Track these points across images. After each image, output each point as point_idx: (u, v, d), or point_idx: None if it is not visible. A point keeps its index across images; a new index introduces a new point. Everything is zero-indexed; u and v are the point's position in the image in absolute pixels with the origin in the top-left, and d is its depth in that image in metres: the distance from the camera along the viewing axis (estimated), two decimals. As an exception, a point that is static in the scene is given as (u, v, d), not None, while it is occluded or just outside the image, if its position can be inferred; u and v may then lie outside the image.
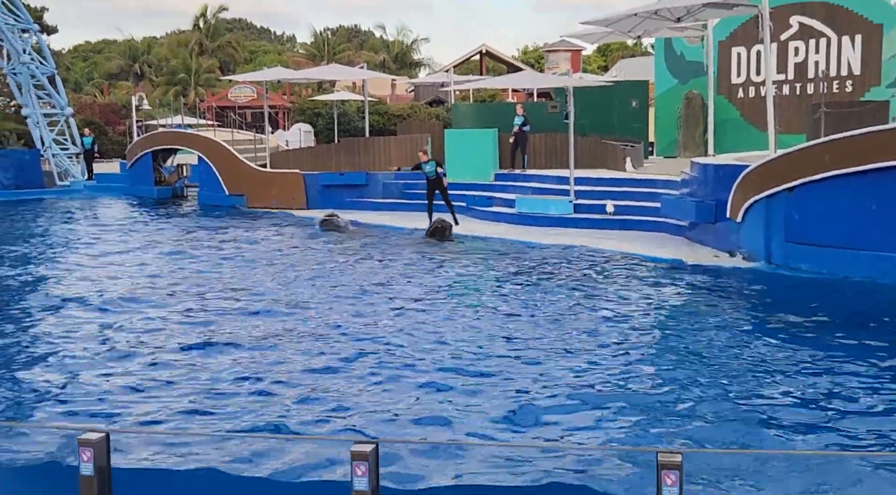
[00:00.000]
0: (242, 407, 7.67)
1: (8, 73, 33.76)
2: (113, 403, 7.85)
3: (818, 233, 12.98)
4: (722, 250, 14.91)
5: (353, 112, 35.63)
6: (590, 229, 18.22)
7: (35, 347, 9.92)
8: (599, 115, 24.67)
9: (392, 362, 8.93)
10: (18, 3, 33.25)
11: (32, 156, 33.25)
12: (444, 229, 17.99)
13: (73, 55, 78.80)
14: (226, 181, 26.51)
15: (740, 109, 24.33)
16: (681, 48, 26.02)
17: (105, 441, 5.12)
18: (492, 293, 12.52)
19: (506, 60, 56.12)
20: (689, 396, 7.74)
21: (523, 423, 7.18)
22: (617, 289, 12.48)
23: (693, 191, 16.39)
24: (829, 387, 7.89)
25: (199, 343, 9.88)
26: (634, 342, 9.60)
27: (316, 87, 52.46)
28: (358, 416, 7.37)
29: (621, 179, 20.30)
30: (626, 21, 17.53)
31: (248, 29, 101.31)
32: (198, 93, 64.29)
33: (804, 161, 13.12)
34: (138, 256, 16.72)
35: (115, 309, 11.78)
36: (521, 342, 9.62)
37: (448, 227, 18.07)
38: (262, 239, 18.89)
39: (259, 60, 76.32)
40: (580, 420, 7.24)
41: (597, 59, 71.02)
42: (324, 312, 11.29)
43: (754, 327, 10.12)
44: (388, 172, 24.37)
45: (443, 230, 17.97)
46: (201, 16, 73.11)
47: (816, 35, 22.67)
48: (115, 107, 50.49)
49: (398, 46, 71.56)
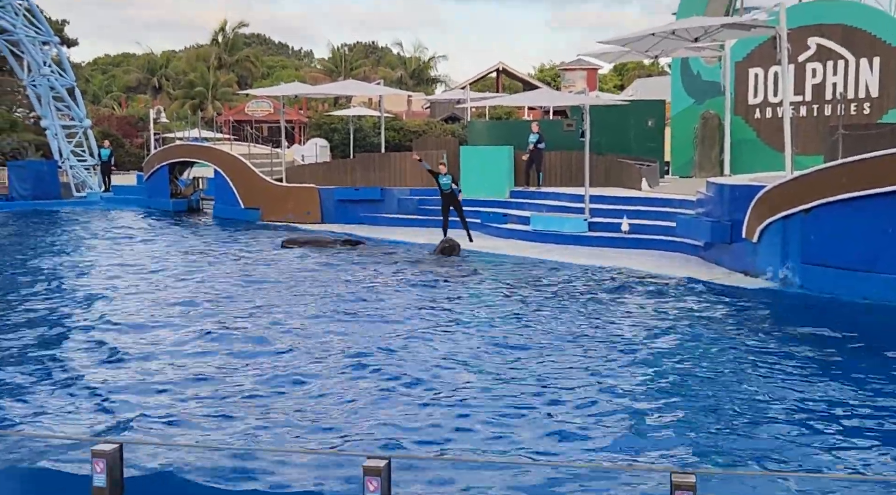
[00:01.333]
0: (257, 419, 7.66)
1: (28, 84, 34.05)
2: (128, 413, 7.86)
3: (835, 255, 12.90)
4: (737, 270, 14.85)
5: (369, 127, 35.75)
6: (604, 247, 18.18)
7: (46, 359, 9.95)
8: (615, 134, 24.67)
9: (396, 376, 8.91)
10: (40, 16, 33.57)
11: (50, 167, 33.47)
12: (451, 247, 18.10)
13: (93, 68, 79.43)
14: (241, 195, 26.60)
15: (757, 130, 24.28)
16: (698, 68, 26.02)
17: (118, 452, 5.12)
18: (501, 312, 12.47)
19: (522, 78, 56.24)
20: (702, 418, 7.68)
21: (534, 440, 7.15)
22: (629, 309, 12.43)
23: (709, 210, 16.34)
24: (844, 410, 7.82)
25: (215, 351, 9.90)
26: (646, 361, 9.54)
27: (332, 102, 52.63)
28: (368, 432, 7.35)
29: (637, 198, 20.26)
30: (643, 41, 17.55)
31: (266, 44, 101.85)
32: (215, 106, 64.66)
33: (821, 182, 13.06)
34: (155, 270, 16.78)
35: (128, 324, 11.82)
36: (530, 360, 9.57)
37: (456, 246, 18.10)
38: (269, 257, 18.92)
39: (276, 75, 76.72)
40: (594, 439, 7.20)
41: (613, 78, 71.10)
42: (327, 328, 11.29)
43: (770, 349, 10.02)
44: (403, 188, 24.42)
45: (451, 248, 18.08)
46: (220, 30, 73.70)
47: (834, 57, 22.64)
48: (132, 119, 50.86)
49: (415, 63, 71.85)
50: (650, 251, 17.54)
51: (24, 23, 32.62)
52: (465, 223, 19.48)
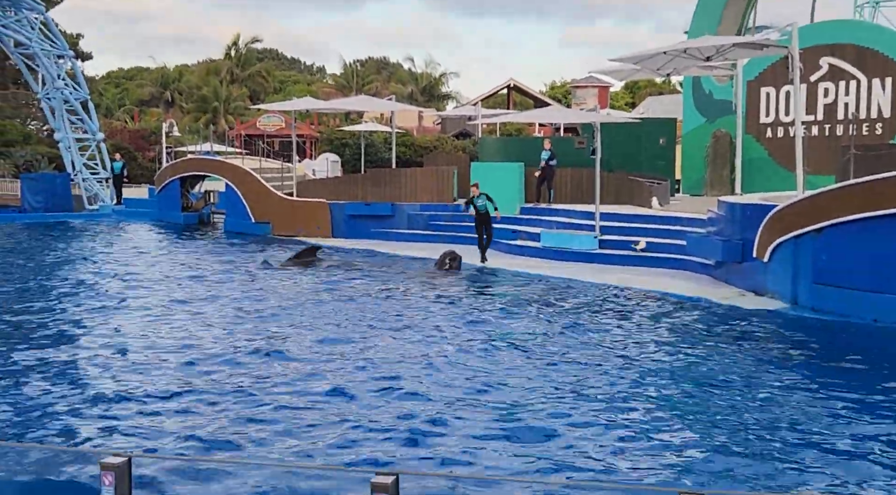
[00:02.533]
0: (271, 435, 7.66)
1: (42, 97, 34.28)
2: (137, 428, 7.87)
3: (846, 276, 12.85)
4: (748, 290, 14.80)
5: (380, 143, 35.86)
6: (614, 265, 18.16)
7: (61, 371, 9.97)
8: (626, 152, 24.68)
9: (404, 392, 8.89)
10: (55, 30, 33.83)
11: (63, 179, 33.63)
12: (453, 259, 18.08)
13: (106, 81, 79.94)
14: (252, 208, 26.69)
15: (768, 149, 24.26)
16: (709, 87, 26.03)
17: (127, 465, 5.11)
18: (517, 329, 12.45)
19: (533, 95, 56.38)
20: (710, 441, 7.65)
21: (541, 457, 7.12)
22: (636, 327, 12.39)
23: (720, 229, 16.32)
24: (858, 439, 7.77)
25: (228, 371, 9.91)
26: (655, 381, 9.51)
27: (344, 117, 52.89)
28: (377, 446, 7.34)
29: (647, 216, 20.25)
30: (655, 59, 17.57)
31: (278, 59, 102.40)
32: (227, 121, 64.99)
33: (833, 203, 13.03)
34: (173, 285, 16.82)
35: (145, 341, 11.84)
36: (539, 379, 9.55)
37: (457, 258, 18.08)
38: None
39: (288, 90, 77.08)
40: (602, 458, 7.17)
41: (624, 95, 71.19)
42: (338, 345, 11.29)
43: (780, 371, 9.98)
44: (413, 203, 24.47)
45: (452, 260, 18.05)
46: (233, 45, 74.12)
47: (846, 77, 22.62)
48: (145, 133, 51.11)
49: (426, 79, 72.06)
50: (660, 269, 17.51)
51: (39, 36, 32.89)
52: (488, 243, 19.39)
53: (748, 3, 26.24)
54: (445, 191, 24.69)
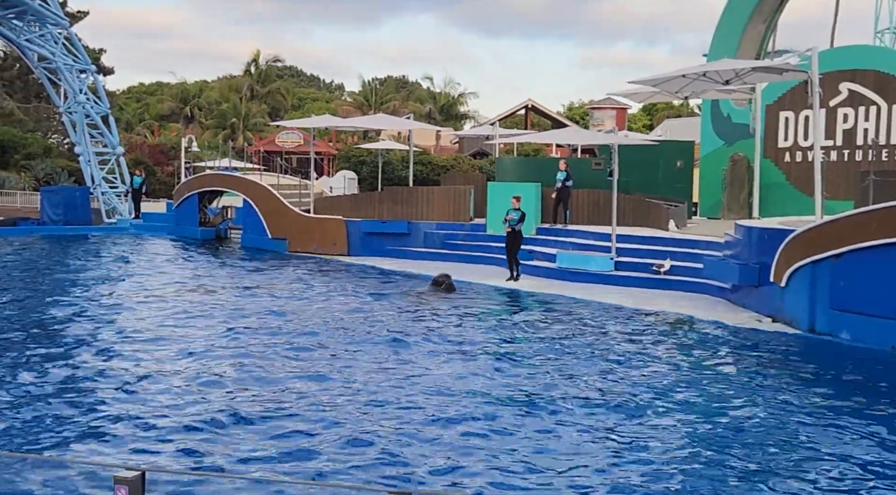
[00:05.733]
0: (281, 451, 7.66)
1: (64, 111, 34.58)
2: (154, 441, 7.88)
3: (864, 302, 12.75)
4: (764, 314, 14.72)
5: (398, 161, 35.97)
6: (630, 287, 18.10)
7: (76, 384, 10.01)
8: (644, 174, 24.67)
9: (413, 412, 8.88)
10: (78, 45, 34.16)
11: (82, 193, 33.83)
12: (441, 282, 17.80)
13: (127, 96, 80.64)
14: (269, 224, 26.78)
15: (787, 173, 24.20)
16: (728, 110, 26.02)
17: (140, 479, 5.11)
18: (529, 351, 12.42)
19: (550, 115, 56.50)
20: (722, 470, 7.59)
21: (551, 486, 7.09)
22: (651, 350, 12.33)
23: (737, 253, 16.25)
24: (876, 466, 7.69)
25: (238, 382, 9.92)
26: (668, 407, 9.45)
27: (361, 134, 53.08)
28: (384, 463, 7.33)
29: (664, 238, 20.19)
30: (674, 82, 17.60)
31: (297, 76, 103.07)
32: (246, 137, 65.37)
33: (851, 228, 12.96)
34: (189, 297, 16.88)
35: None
36: (547, 403, 9.51)
37: (450, 285, 17.74)
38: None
39: (307, 107, 77.55)
40: (614, 486, 7.13)
41: (642, 117, 71.22)
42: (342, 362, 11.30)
43: (797, 398, 9.89)
44: (429, 222, 24.50)
45: (441, 283, 17.78)
46: (253, 61, 74.62)
47: (866, 103, 22.57)
48: (164, 148, 51.47)
49: (445, 98, 72.34)
50: (676, 292, 17.44)
51: (63, 51, 33.21)
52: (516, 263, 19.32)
53: (767, 27, 26.25)
54: (462, 211, 24.72)
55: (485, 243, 22.82)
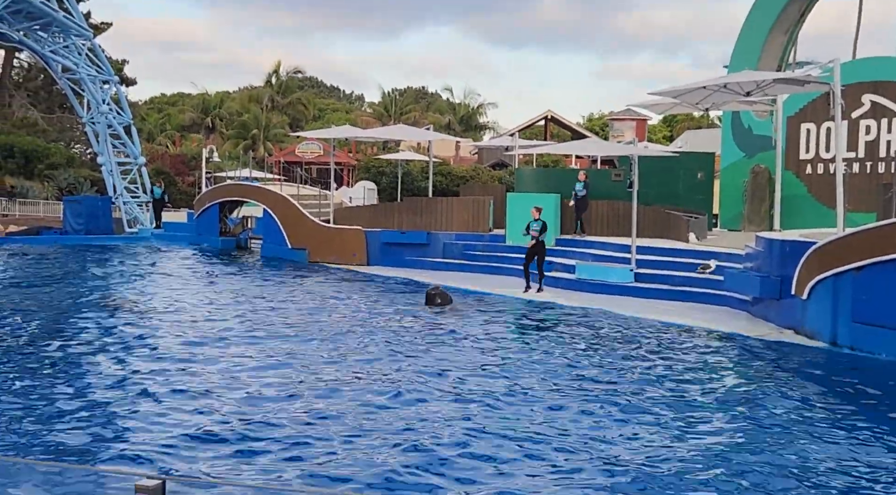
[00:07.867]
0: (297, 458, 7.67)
1: (87, 122, 34.91)
2: (175, 450, 7.91)
3: (886, 315, 12.64)
4: (785, 327, 14.62)
5: (417, 172, 36.05)
6: (649, 299, 18.03)
7: (95, 392, 10.07)
8: (664, 185, 24.59)
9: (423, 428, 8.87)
10: (101, 56, 34.52)
11: (104, 202, 34.13)
12: (436, 295, 17.33)
13: (149, 106, 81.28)
14: (289, 235, 26.89)
15: (808, 185, 24.06)
16: (749, 122, 25.92)
17: (161, 488, 5.13)
18: (553, 363, 12.39)
19: (570, 126, 56.47)
20: (740, 486, 7.54)
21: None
22: (671, 364, 12.25)
23: (758, 265, 16.16)
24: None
25: (260, 388, 9.95)
26: (690, 421, 9.40)
27: (381, 145, 53.27)
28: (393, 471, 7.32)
29: (684, 250, 20.11)
30: (694, 93, 17.54)
31: (318, 87, 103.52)
32: (266, 147, 65.73)
33: (873, 241, 12.86)
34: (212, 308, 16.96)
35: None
36: (566, 420, 9.48)
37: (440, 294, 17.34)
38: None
39: (327, 118, 77.85)
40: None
41: (662, 128, 71.04)
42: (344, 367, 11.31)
43: (819, 413, 9.81)
44: (448, 233, 24.52)
45: (436, 296, 17.33)
46: (274, 72, 75.10)
47: (889, 114, 22.43)
48: (185, 158, 51.83)
49: (464, 109, 72.48)
50: (697, 304, 17.34)
51: (86, 62, 33.58)
52: (540, 273, 19.12)
53: (789, 38, 26.16)
54: (481, 221, 24.74)
55: (504, 254, 22.81)
